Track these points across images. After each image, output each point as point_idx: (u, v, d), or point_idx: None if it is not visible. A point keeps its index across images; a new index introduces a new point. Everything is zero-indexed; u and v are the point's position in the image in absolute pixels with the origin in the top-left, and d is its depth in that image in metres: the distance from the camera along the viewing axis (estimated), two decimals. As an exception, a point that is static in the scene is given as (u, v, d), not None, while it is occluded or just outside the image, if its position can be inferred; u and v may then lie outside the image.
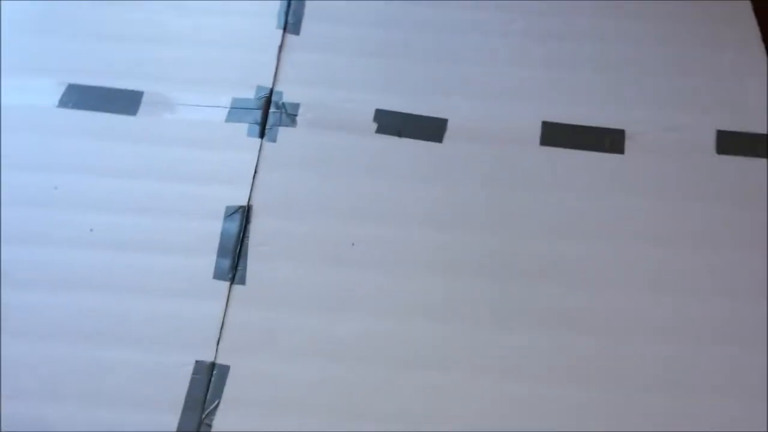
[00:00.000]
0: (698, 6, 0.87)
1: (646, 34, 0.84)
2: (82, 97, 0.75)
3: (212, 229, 0.68)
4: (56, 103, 0.75)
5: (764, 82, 0.80)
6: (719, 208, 0.71)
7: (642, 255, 0.68)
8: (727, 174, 0.74)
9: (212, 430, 0.57)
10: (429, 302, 0.65)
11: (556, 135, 0.76)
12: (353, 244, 0.68)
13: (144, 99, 0.76)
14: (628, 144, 0.76)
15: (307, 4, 0.86)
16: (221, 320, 0.62)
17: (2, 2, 0.82)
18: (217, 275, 0.65)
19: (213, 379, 0.60)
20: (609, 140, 0.76)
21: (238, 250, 0.67)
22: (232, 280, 0.65)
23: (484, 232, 0.69)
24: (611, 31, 0.84)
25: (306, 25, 0.84)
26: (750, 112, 0.78)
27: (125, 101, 0.76)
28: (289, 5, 0.85)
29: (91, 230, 0.67)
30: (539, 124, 0.77)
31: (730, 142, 0.75)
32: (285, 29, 0.83)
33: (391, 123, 0.76)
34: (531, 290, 0.66)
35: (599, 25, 0.84)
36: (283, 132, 0.75)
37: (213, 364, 0.60)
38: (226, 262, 0.66)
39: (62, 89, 0.76)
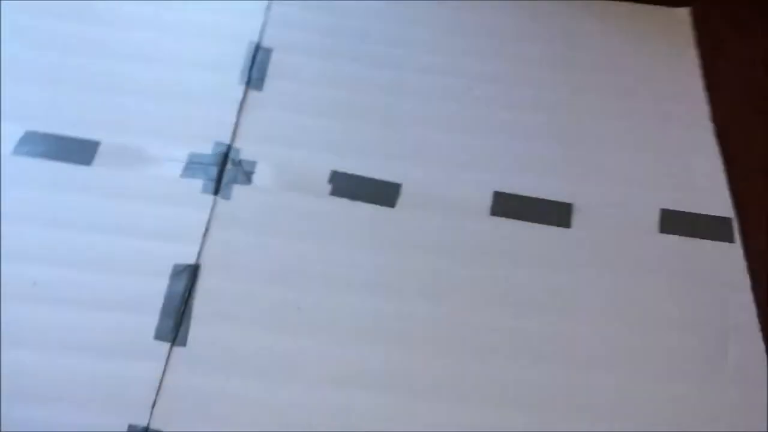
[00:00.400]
0: (651, 82, 0.90)
1: (600, 109, 0.87)
2: (38, 145, 0.76)
3: (158, 287, 0.68)
4: (11, 149, 0.75)
5: (711, 161, 0.82)
6: (660, 286, 0.73)
7: (584, 330, 0.70)
8: (668, 253, 0.75)
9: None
10: (372, 372, 0.65)
11: (506, 206, 0.78)
12: (299, 309, 0.69)
13: (100, 149, 0.76)
14: (575, 217, 0.77)
15: (272, 60, 0.87)
16: (158, 383, 0.62)
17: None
18: (159, 335, 0.65)
19: (144, 445, 0.59)
20: (557, 213, 0.77)
21: (182, 310, 0.67)
22: (173, 341, 0.65)
23: (431, 302, 0.70)
24: (566, 104, 0.86)
25: (269, 81, 0.85)
26: (695, 192, 0.80)
27: (81, 151, 0.76)
28: (253, 61, 0.86)
29: (35, 284, 0.67)
30: (491, 194, 0.78)
31: (672, 221, 0.77)
32: (248, 84, 0.84)
33: (346, 185, 0.77)
34: (474, 362, 0.67)
35: (555, 98, 0.87)
36: (238, 190, 0.76)
37: (146, 429, 0.60)
38: (169, 322, 0.66)
39: (19, 135, 0.76)
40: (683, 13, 0.96)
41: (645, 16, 0.97)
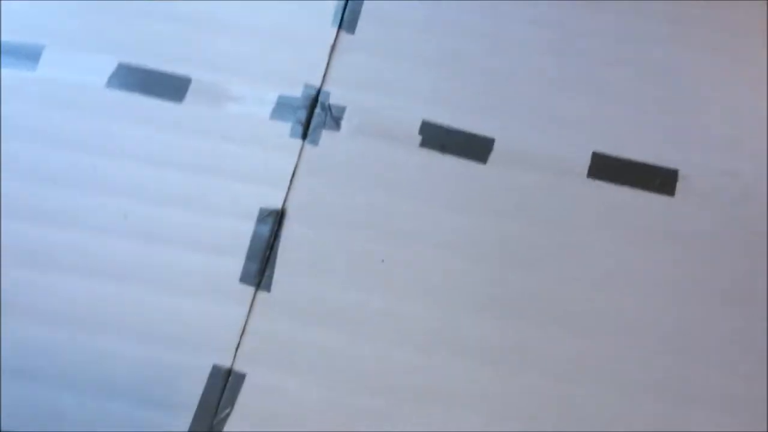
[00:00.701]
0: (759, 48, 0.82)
1: (709, 72, 0.80)
2: (131, 79, 0.75)
3: (244, 230, 0.67)
4: (105, 81, 0.75)
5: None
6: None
7: (675, 312, 0.66)
8: (782, 232, 0.70)
9: (221, 436, 0.57)
10: (450, 335, 0.64)
11: (605, 168, 0.73)
12: (383, 261, 0.67)
13: (191, 86, 0.75)
14: (679, 185, 0.73)
15: (366, 2, 0.84)
16: (242, 326, 0.62)
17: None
18: (244, 279, 0.65)
19: (228, 385, 0.59)
20: (660, 180, 0.73)
21: (267, 255, 0.66)
22: (258, 286, 0.65)
23: (519, 268, 0.68)
24: (671, 64, 0.80)
25: (362, 24, 0.82)
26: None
27: (173, 87, 0.75)
28: (346, 2, 0.83)
29: (125, 217, 0.67)
30: (589, 155, 0.74)
31: (787, 199, 0.72)
32: (340, 27, 0.81)
33: (436, 137, 0.75)
34: (557, 334, 0.64)
35: (658, 55, 0.80)
36: (326, 135, 0.74)
37: (230, 371, 0.60)
38: (254, 267, 0.66)
39: (112, 68, 0.75)
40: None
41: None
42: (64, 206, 0.67)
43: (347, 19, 0.82)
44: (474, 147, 0.74)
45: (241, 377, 0.60)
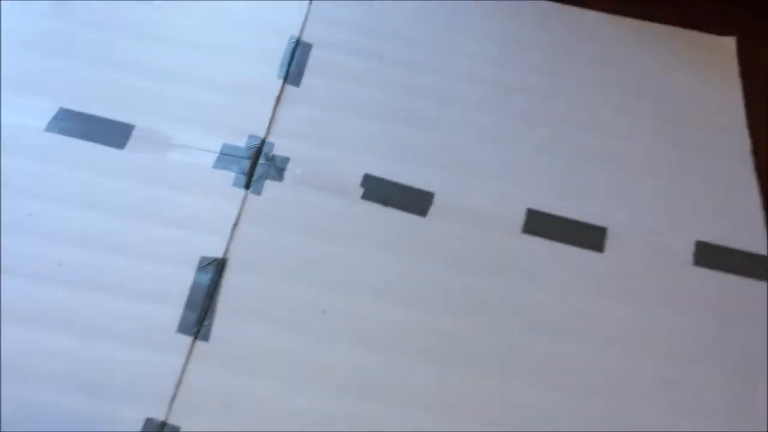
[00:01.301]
0: (693, 110, 0.88)
1: (641, 133, 0.85)
2: (71, 124, 0.75)
3: (183, 279, 0.67)
4: (44, 126, 0.74)
5: (749, 197, 0.81)
6: (691, 320, 0.72)
7: (607, 359, 0.69)
8: (702, 287, 0.74)
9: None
10: (390, 384, 0.64)
11: (539, 224, 0.76)
12: (324, 312, 0.68)
13: (134, 133, 0.75)
14: (608, 243, 0.76)
15: (312, 55, 0.86)
16: (179, 377, 0.61)
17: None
18: (182, 328, 0.64)
19: (161, 439, 0.58)
20: (590, 236, 0.76)
21: (206, 305, 0.66)
22: (196, 336, 0.64)
23: (456, 317, 0.69)
24: (606, 125, 0.85)
25: (307, 77, 0.84)
26: (732, 226, 0.78)
27: (115, 133, 0.75)
28: (293, 55, 0.85)
29: (60, 265, 0.66)
30: (524, 211, 0.77)
31: (708, 255, 0.76)
32: (286, 79, 0.83)
33: (378, 190, 0.76)
34: (494, 383, 0.66)
35: (595, 118, 0.85)
36: (269, 186, 0.75)
37: (163, 424, 0.59)
38: (193, 316, 0.65)
39: (53, 113, 0.75)
40: (729, 43, 0.95)
41: (691, 41, 0.95)
42: (-4, 252, 0.66)
43: (293, 72, 0.84)
44: (414, 200, 0.76)
45: (175, 430, 0.59)
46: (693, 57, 0.93)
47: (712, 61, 0.94)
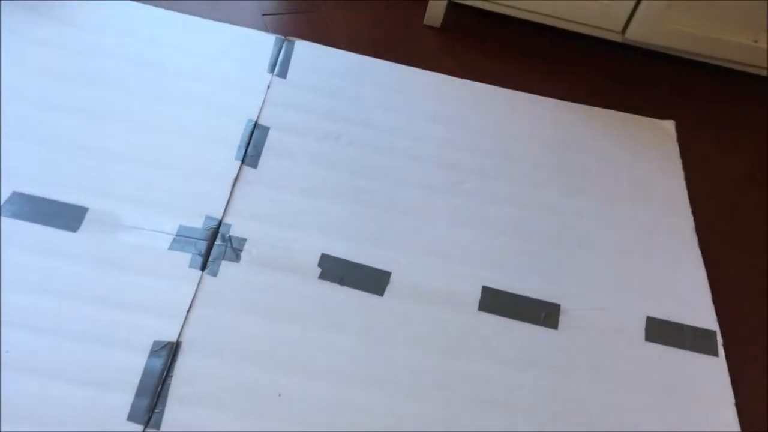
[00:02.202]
0: (639, 189, 0.92)
1: (590, 212, 0.88)
2: (24, 207, 0.74)
3: (135, 364, 0.66)
4: (-4, 210, 0.73)
5: (696, 273, 0.84)
6: (643, 396, 0.73)
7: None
8: (653, 362, 0.75)
9: None
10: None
11: (494, 302, 0.77)
12: (280, 395, 0.67)
13: (88, 216, 0.75)
14: (562, 319, 0.77)
15: (270, 137, 0.87)
16: (128, 469, 0.59)
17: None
18: (132, 416, 0.62)
19: None
20: (545, 313, 0.77)
21: (158, 390, 0.64)
22: (147, 424, 0.62)
23: (413, 398, 0.69)
24: (556, 204, 0.88)
25: (265, 159, 0.85)
26: (680, 302, 0.81)
27: (68, 216, 0.74)
28: (250, 137, 0.86)
29: (7, 352, 0.64)
30: (479, 289, 0.78)
31: (658, 330, 0.78)
32: (243, 161, 0.84)
33: (335, 269, 0.77)
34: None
35: (544, 198, 0.88)
36: (225, 266, 0.75)
37: None
38: (144, 402, 0.63)
39: (5, 196, 0.74)
40: (668, 126, 1.00)
41: (634, 125, 1.00)
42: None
43: (250, 155, 0.85)
44: (372, 280, 0.77)
45: None
46: (636, 139, 0.98)
47: (654, 143, 0.98)
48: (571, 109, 0.99)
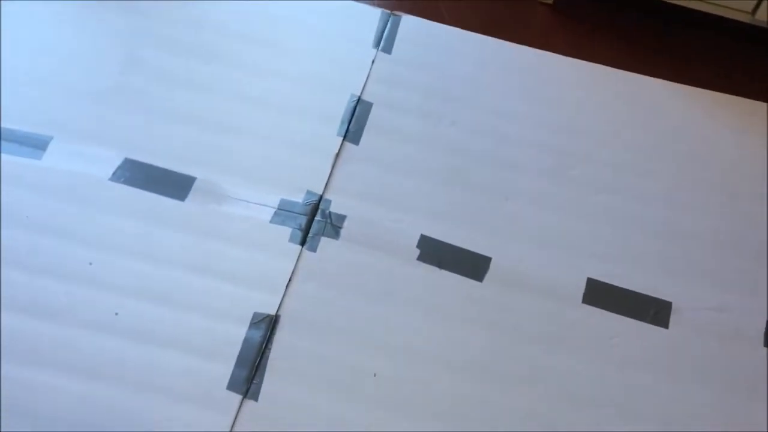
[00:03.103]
0: (749, 180, 0.85)
1: (706, 206, 0.82)
2: (135, 174, 0.76)
3: (235, 335, 0.67)
4: (109, 175, 0.75)
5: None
6: (758, 402, 0.68)
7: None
8: (773, 370, 0.70)
9: None
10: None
11: (599, 295, 0.74)
12: (375, 375, 0.66)
13: (195, 185, 0.76)
14: (673, 318, 0.73)
15: (372, 114, 0.86)
16: (227, 437, 0.60)
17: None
18: (232, 386, 0.63)
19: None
20: (654, 310, 0.73)
21: (257, 363, 0.65)
22: (246, 394, 0.63)
23: (507, 387, 0.67)
24: (663, 195, 0.82)
25: (367, 135, 0.84)
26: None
27: (177, 185, 0.76)
28: (353, 113, 0.85)
29: (117, 314, 0.66)
30: (584, 281, 0.75)
31: (780, 336, 0.72)
32: (345, 137, 0.83)
33: (434, 252, 0.75)
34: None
35: (655, 188, 0.83)
36: (325, 243, 0.74)
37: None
38: (243, 373, 0.64)
39: (118, 162, 0.76)
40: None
41: (757, 111, 0.92)
42: (57, 300, 0.66)
43: (352, 130, 0.84)
44: (471, 264, 0.75)
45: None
46: (748, 126, 0.90)
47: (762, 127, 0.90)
48: (688, 93, 0.93)
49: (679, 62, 1.00)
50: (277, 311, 0.68)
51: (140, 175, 0.76)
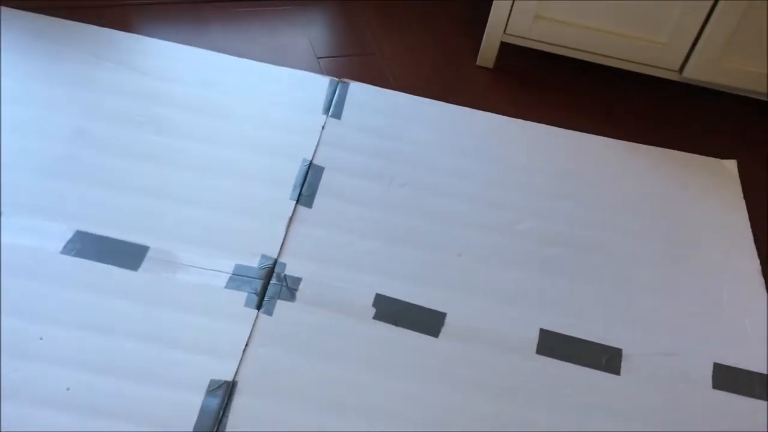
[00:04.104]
0: (701, 231, 0.89)
1: (651, 254, 0.86)
2: (87, 246, 0.76)
3: (192, 404, 0.66)
4: (60, 248, 0.75)
5: (763, 318, 0.80)
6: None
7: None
8: (721, 412, 0.72)
9: None
10: None
11: (552, 345, 0.75)
12: (335, 439, 0.66)
13: (148, 255, 0.76)
14: (624, 364, 0.75)
15: (324, 176, 0.88)
16: None
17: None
18: (189, 457, 0.62)
19: None
20: (606, 358, 0.75)
21: (215, 430, 0.64)
22: (204, 464, 0.62)
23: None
24: (615, 247, 0.86)
25: (319, 198, 0.86)
26: (748, 348, 0.77)
27: (129, 255, 0.76)
28: (305, 177, 0.87)
29: (68, 389, 0.65)
30: (537, 332, 0.76)
31: (726, 377, 0.74)
32: (298, 201, 0.84)
33: (390, 310, 0.76)
34: None
35: (603, 239, 0.86)
36: (281, 306, 0.75)
37: None
38: (201, 444, 0.63)
39: (69, 235, 0.76)
40: (731, 166, 0.98)
41: (696, 164, 0.98)
42: (7, 377, 0.65)
43: (305, 194, 0.86)
44: (426, 321, 0.76)
45: None
46: (698, 179, 0.95)
47: (717, 183, 0.96)
48: (629, 149, 0.98)
49: (614, 116, 1.05)
50: (234, 377, 0.68)
51: (92, 246, 0.76)
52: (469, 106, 1.00)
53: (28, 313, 0.69)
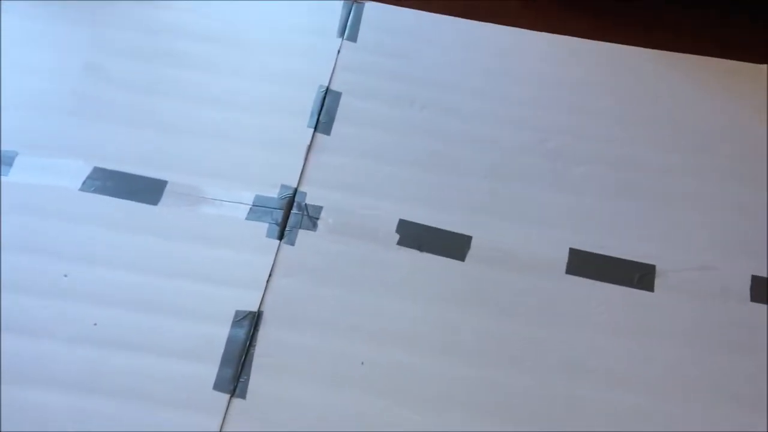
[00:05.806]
0: (735, 142, 0.85)
1: (682, 167, 0.82)
2: (106, 182, 0.75)
3: (218, 335, 0.66)
4: (79, 186, 0.74)
5: (803, 227, 0.77)
6: (746, 360, 0.68)
7: (663, 407, 0.65)
8: (760, 324, 0.70)
9: None
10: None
11: (582, 264, 0.73)
12: (362, 363, 0.65)
13: (167, 189, 0.75)
14: (657, 281, 0.73)
15: (341, 104, 0.85)
16: (217, 437, 0.59)
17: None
18: (218, 386, 0.63)
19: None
20: (638, 275, 0.73)
21: (242, 360, 0.64)
22: (233, 393, 0.62)
23: (498, 367, 0.67)
24: (646, 161, 0.82)
25: (338, 125, 0.83)
26: (787, 259, 0.74)
27: (148, 190, 0.75)
28: (322, 104, 0.84)
29: (95, 324, 0.65)
30: (566, 252, 0.74)
31: (765, 290, 0.72)
32: (316, 129, 0.82)
33: (414, 235, 0.74)
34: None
35: (634, 154, 0.83)
36: (303, 235, 0.74)
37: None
38: (229, 372, 0.63)
39: (87, 172, 0.75)
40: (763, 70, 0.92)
41: (725, 70, 0.92)
42: (33, 315, 0.65)
43: (323, 121, 0.83)
44: (451, 245, 0.74)
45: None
46: (726, 86, 0.90)
47: (753, 90, 0.90)
48: (665, 58, 0.92)
49: (657, 31, 0.99)
50: (260, 307, 0.68)
51: (111, 183, 0.75)
52: (493, 22, 0.95)
53: (51, 251, 0.70)
